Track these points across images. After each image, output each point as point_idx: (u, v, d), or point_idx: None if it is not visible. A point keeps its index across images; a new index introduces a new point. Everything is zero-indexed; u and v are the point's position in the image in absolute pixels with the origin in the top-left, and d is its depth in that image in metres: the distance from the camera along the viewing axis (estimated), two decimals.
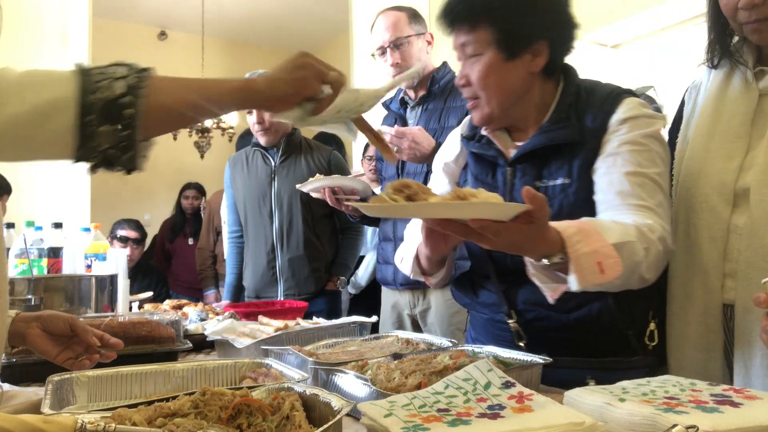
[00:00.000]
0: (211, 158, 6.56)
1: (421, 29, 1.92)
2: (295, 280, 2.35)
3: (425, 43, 1.93)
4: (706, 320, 1.08)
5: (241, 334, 1.39)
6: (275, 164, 2.41)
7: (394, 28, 1.87)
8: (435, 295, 1.85)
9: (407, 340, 1.28)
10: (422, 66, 1.90)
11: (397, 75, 1.90)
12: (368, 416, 0.72)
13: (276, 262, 2.37)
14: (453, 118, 1.82)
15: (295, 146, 2.42)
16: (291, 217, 2.35)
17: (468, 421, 0.68)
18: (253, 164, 2.46)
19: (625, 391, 0.77)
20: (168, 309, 1.88)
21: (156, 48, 7.30)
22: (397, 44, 1.87)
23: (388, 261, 1.93)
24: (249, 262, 2.45)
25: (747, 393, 0.74)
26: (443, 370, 0.92)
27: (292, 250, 2.35)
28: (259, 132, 2.36)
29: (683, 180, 1.16)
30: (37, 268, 1.77)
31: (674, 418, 0.64)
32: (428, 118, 1.88)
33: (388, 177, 1.98)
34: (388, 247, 1.94)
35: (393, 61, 1.89)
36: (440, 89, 1.90)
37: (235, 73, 7.59)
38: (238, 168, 2.51)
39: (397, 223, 1.89)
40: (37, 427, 0.57)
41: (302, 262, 2.35)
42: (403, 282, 1.87)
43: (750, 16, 1.02)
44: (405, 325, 1.99)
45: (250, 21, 7.19)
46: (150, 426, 0.67)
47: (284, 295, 2.34)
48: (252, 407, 0.73)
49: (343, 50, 5.24)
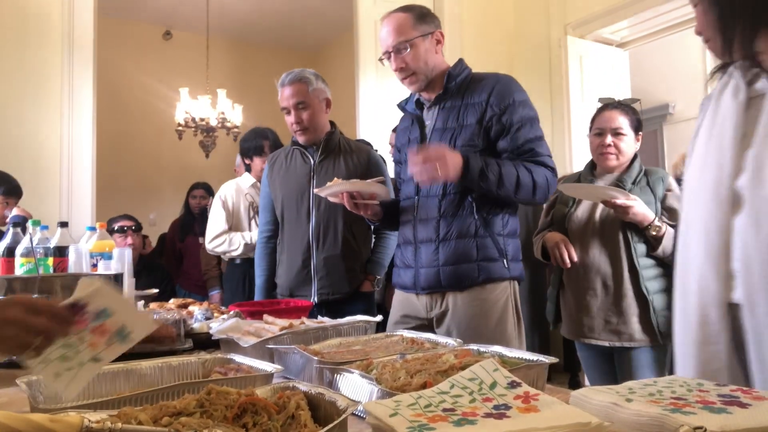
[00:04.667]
0: (216, 157, 6.57)
1: (428, 29, 1.86)
2: (329, 280, 2.31)
3: (434, 42, 1.87)
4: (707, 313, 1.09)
5: (246, 333, 1.39)
6: (314, 163, 2.39)
7: (397, 32, 1.83)
8: (453, 299, 1.80)
9: (412, 340, 1.28)
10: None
11: (403, 79, 1.86)
12: (373, 415, 0.71)
13: (311, 261, 2.34)
14: (472, 116, 1.79)
15: (335, 145, 2.40)
16: (328, 216, 2.33)
17: (474, 420, 0.68)
18: (292, 163, 2.45)
19: (632, 391, 0.76)
20: (173, 308, 1.89)
21: (161, 47, 7.31)
22: (400, 48, 1.82)
23: (408, 265, 1.89)
24: (284, 260, 2.42)
25: (755, 393, 0.74)
26: (448, 370, 0.92)
27: (328, 249, 2.32)
28: (298, 132, 2.35)
29: (685, 185, 1.19)
30: (43, 267, 1.78)
31: (682, 419, 0.64)
32: (446, 116, 1.84)
33: (407, 179, 1.95)
34: (408, 251, 1.89)
35: (396, 66, 1.85)
36: (457, 86, 1.86)
37: (239, 72, 7.62)
38: (276, 166, 2.49)
39: (417, 226, 1.85)
40: (44, 425, 0.57)
41: (338, 262, 2.32)
42: (425, 286, 1.83)
43: None
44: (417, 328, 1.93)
45: (255, 20, 7.20)
46: (155, 425, 0.67)
47: (318, 295, 2.31)
48: (257, 406, 0.73)
49: (347, 49, 5.25)
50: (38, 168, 3.70)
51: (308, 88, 2.32)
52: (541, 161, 1.77)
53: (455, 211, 1.79)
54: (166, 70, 7.15)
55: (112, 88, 6.16)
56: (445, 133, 1.82)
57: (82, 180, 3.84)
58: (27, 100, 3.72)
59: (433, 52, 1.87)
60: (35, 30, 3.76)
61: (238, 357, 1.09)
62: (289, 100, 2.32)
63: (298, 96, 2.31)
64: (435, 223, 1.81)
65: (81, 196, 3.84)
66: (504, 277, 1.79)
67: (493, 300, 1.78)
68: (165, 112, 6.74)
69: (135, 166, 6.94)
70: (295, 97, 2.31)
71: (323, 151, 2.39)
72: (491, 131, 1.78)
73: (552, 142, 4.95)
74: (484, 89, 1.80)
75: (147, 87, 7.01)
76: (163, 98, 6.90)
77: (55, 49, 3.80)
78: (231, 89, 6.56)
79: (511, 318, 1.81)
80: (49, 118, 3.77)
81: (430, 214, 1.82)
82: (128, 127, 6.85)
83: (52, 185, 3.75)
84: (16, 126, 3.67)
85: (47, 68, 3.78)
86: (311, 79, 2.35)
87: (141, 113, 7.00)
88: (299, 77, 2.33)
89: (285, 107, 2.35)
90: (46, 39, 3.78)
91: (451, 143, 1.79)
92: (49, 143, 3.76)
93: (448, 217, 1.79)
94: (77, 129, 3.84)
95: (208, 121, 6.22)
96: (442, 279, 1.79)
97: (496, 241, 1.79)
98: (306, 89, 2.32)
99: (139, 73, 6.98)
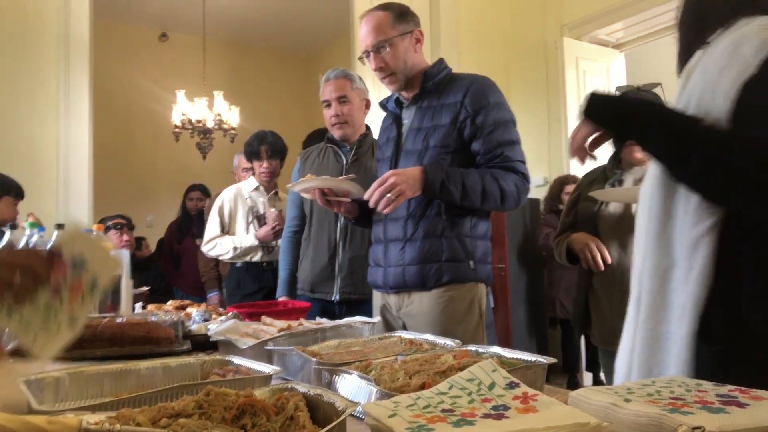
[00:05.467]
0: (213, 159, 6.56)
1: (407, 28, 1.83)
2: (352, 279, 2.32)
3: (413, 41, 1.85)
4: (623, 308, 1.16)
5: (244, 334, 1.39)
6: (347, 162, 2.40)
7: (376, 32, 1.80)
8: (419, 297, 1.80)
9: (411, 341, 1.28)
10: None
11: (382, 79, 1.85)
12: (372, 416, 0.71)
13: (336, 259, 2.35)
14: (446, 116, 1.77)
15: (368, 147, 2.41)
16: None
17: (472, 421, 0.68)
18: (324, 160, 2.46)
19: (631, 391, 0.77)
20: (171, 309, 1.88)
21: (157, 49, 7.31)
22: (378, 47, 1.80)
23: (378, 263, 1.89)
24: (309, 255, 2.43)
25: (753, 393, 0.74)
26: (447, 371, 0.92)
27: (355, 248, 2.33)
28: (336, 125, 2.36)
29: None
30: None
31: (680, 419, 0.64)
32: (422, 116, 1.83)
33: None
34: (379, 249, 1.89)
35: (375, 65, 1.82)
36: (435, 86, 1.84)
37: (236, 73, 7.61)
38: (309, 162, 2.50)
39: (387, 225, 1.85)
40: (42, 427, 0.57)
41: (362, 262, 2.27)
42: (393, 285, 1.83)
43: None
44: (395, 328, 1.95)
45: (252, 22, 7.20)
46: (154, 426, 0.67)
47: (340, 293, 2.33)
48: (256, 407, 0.73)
49: (344, 51, 5.25)
50: (35, 170, 3.69)
51: (351, 85, 2.37)
52: (512, 166, 1.75)
53: (423, 211, 1.78)
54: (163, 72, 7.15)
55: (108, 90, 6.15)
56: (419, 133, 1.82)
57: (78, 182, 3.84)
58: (23, 101, 3.71)
59: (413, 51, 1.84)
60: (31, 32, 3.75)
61: (236, 358, 1.09)
62: (331, 94, 2.35)
63: (341, 90, 2.35)
64: (403, 222, 1.80)
65: (78, 197, 3.84)
66: (470, 278, 1.78)
67: (457, 299, 1.76)
68: (162, 114, 6.73)
69: (132, 167, 6.93)
70: (337, 91, 2.34)
71: (356, 151, 2.40)
72: (465, 132, 1.76)
73: (548, 143, 4.96)
74: (460, 90, 1.79)
75: (143, 89, 7.01)
76: (159, 100, 6.89)
77: (52, 52, 3.80)
78: (228, 91, 6.56)
79: (476, 320, 1.78)
80: (46, 120, 3.76)
81: (400, 213, 1.81)
82: (125, 128, 6.84)
83: (49, 187, 3.75)
84: (12, 127, 3.67)
85: (44, 70, 3.78)
86: (355, 77, 2.39)
87: (137, 115, 6.99)
88: (344, 73, 2.38)
89: (326, 100, 2.37)
90: (43, 41, 3.78)
91: (424, 143, 1.79)
92: (45, 145, 3.75)
93: (416, 216, 1.78)
94: (74, 131, 3.83)
95: (204, 123, 6.21)
96: (407, 278, 1.78)
97: (463, 243, 1.77)
98: (349, 85, 2.36)
99: (136, 75, 6.97)
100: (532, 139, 4.87)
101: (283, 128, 2.46)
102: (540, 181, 4.98)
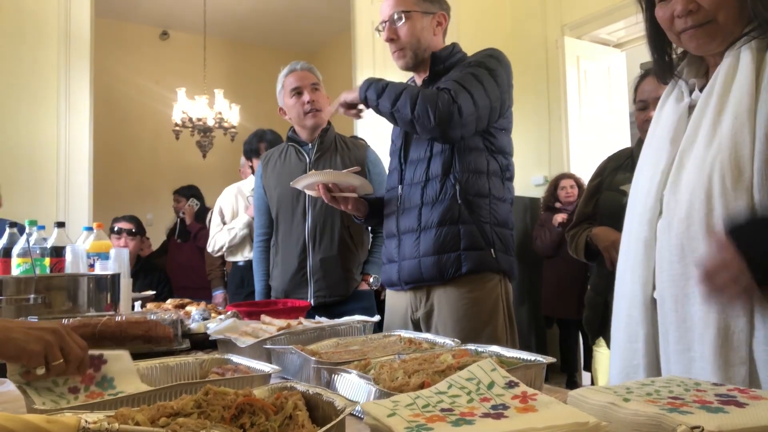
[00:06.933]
0: (213, 158, 6.56)
1: (430, 8, 1.78)
2: (326, 282, 2.24)
3: (434, 23, 1.79)
4: (631, 313, 1.14)
5: (243, 333, 1.39)
6: (310, 160, 2.33)
7: (396, 2, 1.75)
8: (438, 296, 1.71)
9: (410, 340, 1.28)
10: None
11: (393, 52, 1.80)
12: (371, 416, 0.71)
13: (307, 262, 2.26)
14: None
15: (330, 142, 2.36)
16: (325, 215, 2.25)
17: (472, 420, 0.68)
18: (286, 160, 2.38)
19: (630, 391, 0.76)
20: (170, 308, 1.88)
21: (158, 48, 7.30)
22: (395, 18, 1.74)
23: (392, 259, 1.80)
24: (278, 262, 2.34)
25: (752, 393, 0.74)
26: (446, 370, 0.92)
27: (325, 250, 2.24)
28: (310, 113, 2.30)
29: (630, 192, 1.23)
30: (39, 267, 1.77)
31: (679, 418, 0.64)
32: None
33: (392, 169, 1.92)
34: (392, 244, 1.80)
35: (387, 36, 1.76)
36: (445, 69, 1.76)
37: (237, 72, 7.61)
38: (270, 165, 2.43)
39: (400, 217, 1.77)
40: (41, 426, 0.57)
41: (335, 263, 2.24)
42: (408, 280, 1.74)
43: (686, 23, 1.05)
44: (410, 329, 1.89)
45: (252, 20, 7.19)
46: (153, 425, 0.67)
47: (314, 297, 2.24)
48: (255, 407, 0.72)
49: (344, 50, 5.25)
50: (35, 168, 3.69)
51: (318, 76, 2.38)
52: (446, 86, 1.63)
53: (437, 196, 1.69)
54: (163, 70, 7.14)
55: (108, 89, 6.15)
56: None
57: (79, 180, 3.84)
58: (24, 100, 3.71)
59: (431, 33, 1.79)
60: (32, 31, 3.75)
61: (235, 357, 1.09)
62: (303, 81, 2.32)
63: (312, 78, 2.34)
64: (417, 211, 1.72)
65: (78, 196, 3.84)
66: (492, 268, 1.68)
67: (482, 299, 1.68)
68: (162, 112, 6.73)
69: (132, 166, 6.93)
70: (309, 78, 2.34)
71: (319, 147, 2.34)
72: None
73: (549, 143, 4.96)
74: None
75: (144, 87, 7.00)
76: (160, 98, 6.89)
77: (52, 50, 3.80)
78: (228, 89, 6.56)
79: (502, 320, 1.71)
80: (46, 119, 3.76)
81: (414, 202, 1.74)
82: (125, 127, 6.84)
83: (49, 185, 3.75)
84: (12, 126, 3.66)
85: (44, 69, 3.78)
86: (317, 73, 2.40)
87: (138, 113, 6.99)
88: (309, 66, 2.38)
89: (297, 87, 2.32)
90: (43, 40, 3.78)
91: None
92: (46, 143, 3.75)
93: (431, 203, 1.70)
94: (74, 129, 3.83)
95: (205, 121, 6.21)
96: (423, 271, 1.69)
97: (482, 229, 1.67)
98: (317, 76, 2.37)
99: (136, 73, 6.96)
100: (532, 139, 4.88)
101: (283, 127, 2.45)
102: (540, 180, 4.98)
